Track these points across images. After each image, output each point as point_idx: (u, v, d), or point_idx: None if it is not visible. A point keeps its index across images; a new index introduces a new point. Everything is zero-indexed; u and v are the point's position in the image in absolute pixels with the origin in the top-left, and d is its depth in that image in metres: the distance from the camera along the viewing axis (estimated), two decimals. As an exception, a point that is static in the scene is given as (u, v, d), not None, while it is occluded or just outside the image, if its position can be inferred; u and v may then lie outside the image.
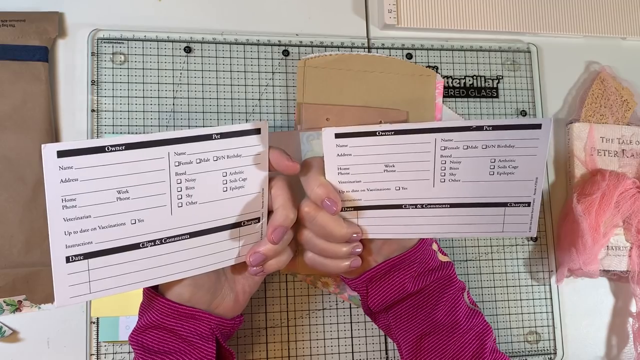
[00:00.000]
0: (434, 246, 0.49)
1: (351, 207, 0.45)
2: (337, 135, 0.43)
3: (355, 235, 0.45)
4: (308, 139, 0.58)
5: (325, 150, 0.43)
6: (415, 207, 0.44)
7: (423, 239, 0.48)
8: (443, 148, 0.42)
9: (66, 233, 0.37)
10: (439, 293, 0.47)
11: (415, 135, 0.42)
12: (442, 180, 0.43)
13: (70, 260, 0.37)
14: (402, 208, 0.45)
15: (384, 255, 0.47)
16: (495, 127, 0.41)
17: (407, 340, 0.47)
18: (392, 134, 0.42)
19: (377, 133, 0.42)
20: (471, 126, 0.41)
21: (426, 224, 0.45)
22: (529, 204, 0.43)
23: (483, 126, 0.41)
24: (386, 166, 0.43)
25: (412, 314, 0.47)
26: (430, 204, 0.44)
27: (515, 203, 0.43)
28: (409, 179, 0.44)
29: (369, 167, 0.44)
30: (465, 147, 0.42)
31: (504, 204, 0.44)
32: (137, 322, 0.45)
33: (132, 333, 0.44)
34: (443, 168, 0.43)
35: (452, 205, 0.44)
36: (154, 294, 0.44)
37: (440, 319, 0.46)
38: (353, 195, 0.45)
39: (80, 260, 0.38)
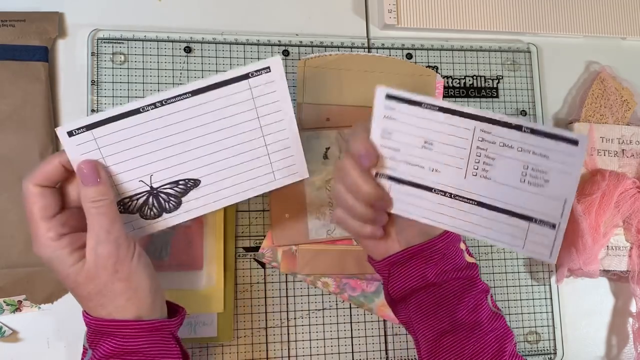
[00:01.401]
0: (462, 245, 0.49)
1: (385, 176, 0.45)
2: (388, 97, 0.43)
3: (381, 201, 0.45)
4: (308, 139, 0.58)
5: (374, 110, 0.44)
6: (444, 195, 0.45)
7: (448, 231, 0.47)
8: (481, 139, 0.42)
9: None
10: (462, 292, 0.46)
11: (457, 118, 0.42)
12: (475, 173, 0.43)
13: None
14: (431, 192, 0.45)
15: (406, 240, 0.47)
16: (534, 131, 0.41)
17: (427, 336, 0.47)
18: (437, 110, 0.42)
19: (422, 105, 0.42)
20: (511, 123, 0.41)
21: (450, 215, 0.45)
22: (554, 226, 0.43)
23: (522, 126, 0.41)
24: (425, 142, 0.44)
25: (434, 310, 0.47)
26: (458, 196, 0.44)
27: (540, 221, 0.43)
28: (444, 162, 0.44)
29: (410, 138, 0.44)
30: (502, 145, 0.42)
31: (529, 219, 0.43)
32: (93, 356, 0.41)
33: None
34: (477, 161, 0.43)
35: (479, 204, 0.44)
36: (110, 320, 0.41)
37: (461, 317, 0.46)
38: (390, 163, 0.45)
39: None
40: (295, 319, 0.57)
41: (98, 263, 0.40)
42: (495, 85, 0.65)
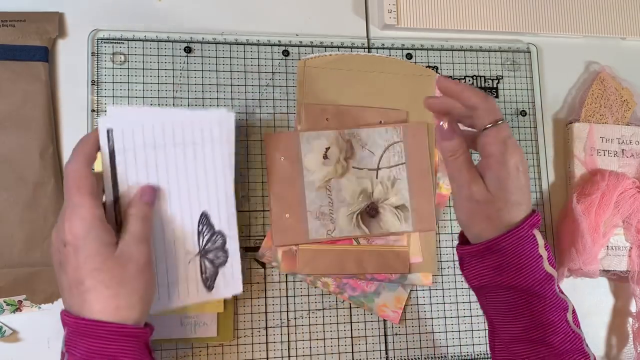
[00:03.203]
0: (544, 253, 0.46)
1: None
2: None
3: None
4: (308, 139, 0.58)
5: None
6: None
7: (523, 223, 0.45)
8: None
9: None
10: (534, 310, 0.46)
11: None
12: None
13: None
14: None
15: (476, 235, 0.47)
16: None
17: (503, 332, 0.47)
18: None
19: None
20: None
21: None
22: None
23: None
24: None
25: (507, 318, 0.47)
26: None
27: None
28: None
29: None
30: None
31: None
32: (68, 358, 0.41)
33: None
34: None
35: None
36: (91, 320, 0.40)
37: (534, 335, 0.45)
38: None
39: None
40: (295, 319, 0.57)
41: (131, 255, 0.42)
42: (495, 86, 0.65)
